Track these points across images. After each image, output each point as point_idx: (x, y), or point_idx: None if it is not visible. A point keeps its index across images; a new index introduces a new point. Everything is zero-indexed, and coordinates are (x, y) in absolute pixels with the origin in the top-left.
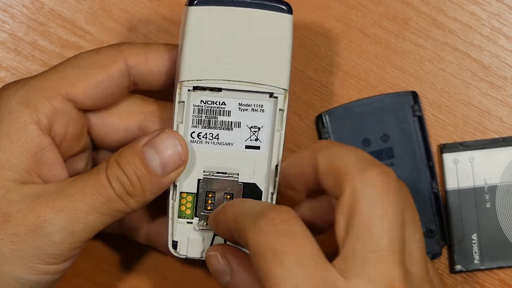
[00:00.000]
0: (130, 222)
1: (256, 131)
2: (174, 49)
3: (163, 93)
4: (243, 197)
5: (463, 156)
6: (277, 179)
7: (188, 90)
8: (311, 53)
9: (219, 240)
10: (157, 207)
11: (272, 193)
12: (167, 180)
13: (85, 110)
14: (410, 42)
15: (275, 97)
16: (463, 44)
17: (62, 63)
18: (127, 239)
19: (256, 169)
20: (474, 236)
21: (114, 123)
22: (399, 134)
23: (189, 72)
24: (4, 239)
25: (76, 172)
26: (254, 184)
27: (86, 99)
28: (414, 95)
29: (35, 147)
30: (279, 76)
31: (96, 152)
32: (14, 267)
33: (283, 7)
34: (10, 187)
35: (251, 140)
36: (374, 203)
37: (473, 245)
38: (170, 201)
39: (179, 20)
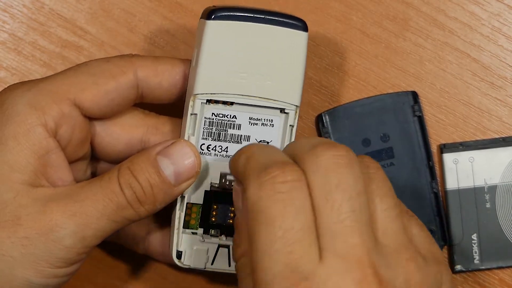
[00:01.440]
0: (131, 233)
1: None
2: (184, 64)
3: (164, 107)
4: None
5: (463, 156)
6: None
7: (202, 103)
8: (311, 53)
9: (223, 252)
10: (156, 216)
11: None
12: (178, 190)
13: (90, 118)
14: (410, 42)
15: (286, 112)
16: (463, 44)
17: (72, 68)
18: (125, 248)
19: None
20: (474, 236)
21: (116, 134)
22: (399, 134)
23: (203, 86)
24: (15, 242)
25: (75, 179)
26: None
27: (94, 106)
28: (414, 95)
29: (42, 149)
30: (291, 92)
31: (94, 162)
32: (24, 270)
33: (299, 24)
34: (19, 190)
35: None
36: (326, 175)
37: (473, 245)
38: (177, 212)
39: (179, 20)
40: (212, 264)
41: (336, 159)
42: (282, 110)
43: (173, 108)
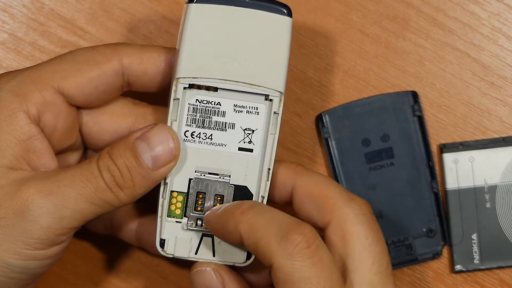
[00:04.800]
0: (121, 222)
1: (250, 134)
2: (170, 52)
3: (156, 97)
4: (233, 200)
5: (463, 156)
6: (269, 182)
7: (184, 87)
8: (311, 53)
9: (207, 241)
10: (148, 207)
11: (263, 197)
12: (158, 174)
13: (77, 107)
14: (410, 42)
15: (270, 100)
16: (463, 44)
17: (57, 57)
18: (119, 240)
19: (248, 172)
20: (474, 236)
21: (104, 123)
22: (399, 134)
23: (185, 69)
24: None
25: None
26: (245, 187)
27: (78, 93)
28: (414, 95)
29: (23, 134)
30: (275, 78)
31: (87, 153)
32: (2, 252)
33: (283, 9)
34: None
35: (244, 142)
36: (367, 230)
37: (473, 245)
38: (160, 199)
39: (179, 19)
40: (196, 253)
41: (371, 216)
42: (266, 97)
43: (163, 98)
